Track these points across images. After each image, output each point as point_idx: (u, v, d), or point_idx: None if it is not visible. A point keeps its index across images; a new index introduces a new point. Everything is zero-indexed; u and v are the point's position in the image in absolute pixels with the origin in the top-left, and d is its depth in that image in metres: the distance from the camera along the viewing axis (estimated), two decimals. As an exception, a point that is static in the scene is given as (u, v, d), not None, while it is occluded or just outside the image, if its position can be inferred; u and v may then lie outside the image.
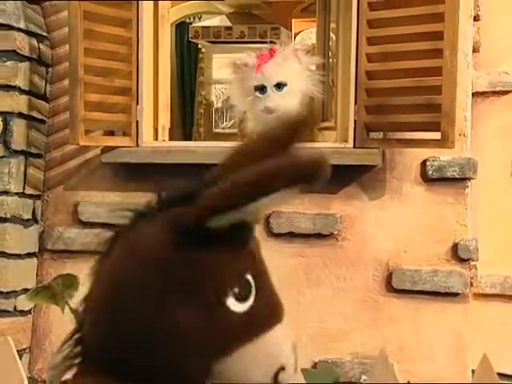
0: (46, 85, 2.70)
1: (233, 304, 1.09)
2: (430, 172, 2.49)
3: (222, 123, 7.27)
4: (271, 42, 2.86)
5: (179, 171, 2.50)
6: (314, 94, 2.61)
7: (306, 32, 6.35)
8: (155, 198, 1.15)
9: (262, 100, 2.52)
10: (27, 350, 2.70)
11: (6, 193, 2.53)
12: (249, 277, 1.13)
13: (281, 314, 1.15)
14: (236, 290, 1.10)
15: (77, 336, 1.21)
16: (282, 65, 2.55)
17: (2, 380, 2.00)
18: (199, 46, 7.11)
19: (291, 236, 2.54)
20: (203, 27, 6.51)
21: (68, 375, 1.22)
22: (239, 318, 1.10)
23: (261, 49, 2.66)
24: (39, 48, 2.66)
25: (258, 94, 2.54)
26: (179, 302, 1.11)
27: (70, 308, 1.63)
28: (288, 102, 2.51)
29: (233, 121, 6.71)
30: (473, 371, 2.14)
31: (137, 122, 2.57)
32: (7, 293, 2.55)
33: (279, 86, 2.52)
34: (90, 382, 1.17)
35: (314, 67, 2.65)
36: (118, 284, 1.13)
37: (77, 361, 1.20)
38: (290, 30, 6.44)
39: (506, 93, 2.64)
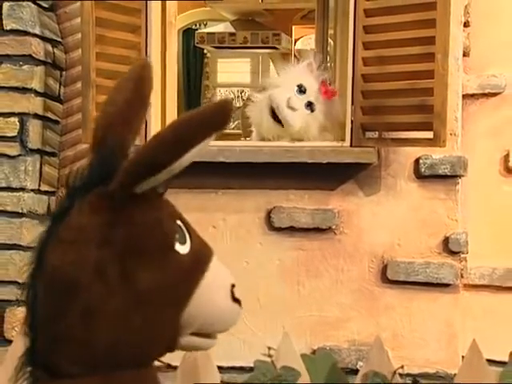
0: (60, 87, 2.70)
1: (179, 248, 1.15)
2: (423, 169, 2.49)
3: (226, 124, 7.28)
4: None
5: (185, 168, 2.51)
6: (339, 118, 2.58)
7: (306, 38, 6.36)
8: (72, 183, 1.15)
9: (294, 98, 2.49)
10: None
11: (22, 189, 2.53)
12: (179, 222, 1.18)
13: (211, 248, 1.22)
14: (177, 235, 1.15)
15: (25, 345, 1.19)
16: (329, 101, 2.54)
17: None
18: (205, 51, 7.13)
19: (292, 230, 2.54)
20: (208, 33, 6.51)
21: None
22: (188, 258, 1.16)
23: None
24: (54, 53, 2.66)
25: (295, 91, 2.51)
26: (138, 265, 1.12)
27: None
28: (305, 116, 2.50)
29: (237, 122, 6.71)
30: (463, 357, 2.14)
31: (146, 122, 2.57)
32: (24, 283, 2.55)
33: (310, 105, 2.51)
34: None
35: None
36: (72, 275, 1.11)
37: (27, 369, 1.19)
38: (291, 36, 6.45)
39: (494, 95, 2.64)
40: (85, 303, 1.11)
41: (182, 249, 1.16)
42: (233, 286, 1.22)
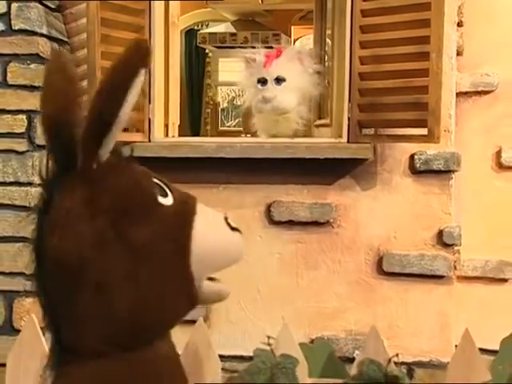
0: (66, 86, 2.70)
1: (162, 200, 1.18)
2: (418, 165, 2.49)
3: (227, 122, 7.28)
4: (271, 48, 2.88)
5: (187, 164, 2.52)
6: (311, 93, 2.62)
7: (305, 38, 6.35)
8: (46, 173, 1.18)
9: (262, 91, 2.54)
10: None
11: (30, 184, 2.53)
12: (156, 180, 1.21)
13: (194, 196, 1.26)
14: (156, 190, 1.18)
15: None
16: (285, 63, 2.56)
17: (28, 354, 2.02)
18: (206, 50, 7.12)
19: (291, 224, 2.55)
20: (210, 33, 6.52)
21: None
22: (173, 208, 1.19)
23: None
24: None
25: (259, 86, 2.56)
26: (129, 225, 1.13)
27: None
28: (284, 96, 2.53)
29: (237, 119, 6.71)
30: (456, 346, 2.14)
31: (149, 120, 2.57)
32: (31, 275, 2.55)
33: (279, 80, 2.54)
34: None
35: (312, 71, 2.64)
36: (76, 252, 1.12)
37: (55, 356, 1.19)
38: (290, 36, 6.44)
39: (487, 93, 2.64)
40: (93, 276, 1.11)
41: (166, 201, 1.18)
42: (226, 218, 1.25)
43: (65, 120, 1.13)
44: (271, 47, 6.18)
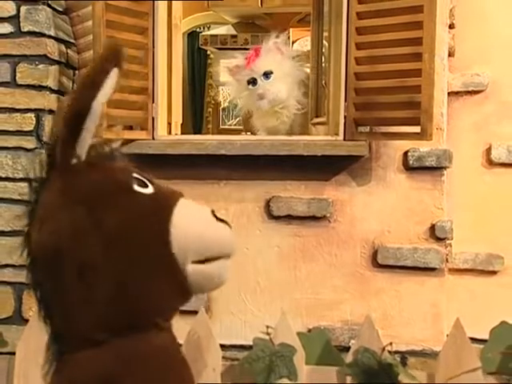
0: (73, 85, 2.70)
1: (140, 189, 1.18)
2: (411, 162, 2.50)
3: (228, 121, 7.27)
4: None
5: (189, 161, 2.52)
6: (298, 77, 2.63)
7: (302, 40, 6.34)
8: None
9: (255, 90, 2.55)
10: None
11: (38, 180, 2.54)
12: (135, 175, 1.21)
13: (180, 192, 1.26)
14: (133, 180, 1.19)
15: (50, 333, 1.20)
16: (266, 57, 2.57)
17: (36, 343, 2.03)
18: (208, 52, 7.11)
19: (289, 218, 2.55)
20: (211, 35, 6.51)
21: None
22: (152, 196, 1.19)
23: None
24: (67, 53, 2.66)
25: (250, 87, 2.56)
26: (104, 212, 1.14)
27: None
28: (276, 87, 2.54)
29: (238, 118, 6.71)
30: (447, 335, 2.15)
31: (153, 118, 2.57)
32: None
33: (266, 74, 2.55)
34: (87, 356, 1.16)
35: (292, 56, 2.66)
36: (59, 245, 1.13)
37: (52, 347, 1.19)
38: (288, 38, 6.42)
39: (477, 92, 2.64)
40: (75, 263, 1.11)
41: (144, 190, 1.18)
42: (212, 211, 1.24)
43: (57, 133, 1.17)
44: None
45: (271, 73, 2.55)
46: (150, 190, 1.19)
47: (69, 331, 1.15)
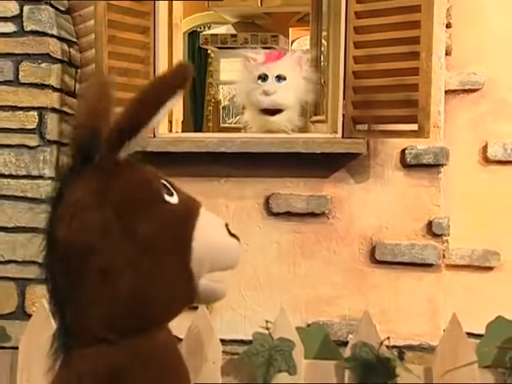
0: (75, 84, 2.71)
1: (169, 199, 1.20)
2: (409, 159, 2.50)
3: (228, 119, 7.28)
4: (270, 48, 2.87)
5: (190, 158, 2.52)
6: (304, 97, 2.60)
7: (302, 39, 6.34)
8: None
9: (262, 86, 2.52)
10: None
11: (41, 177, 2.54)
12: (163, 181, 1.23)
13: (198, 200, 1.28)
14: (164, 189, 1.21)
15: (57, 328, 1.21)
16: (286, 63, 2.55)
17: (39, 338, 2.03)
18: (208, 51, 7.11)
19: (288, 215, 2.55)
20: (212, 35, 6.51)
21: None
22: (178, 207, 1.21)
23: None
24: (69, 52, 2.67)
25: (260, 82, 2.53)
26: (135, 219, 1.14)
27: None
28: (284, 92, 2.51)
29: (238, 117, 6.70)
30: (444, 330, 2.15)
31: (154, 116, 2.57)
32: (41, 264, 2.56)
33: (279, 78, 2.52)
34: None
35: (307, 76, 2.63)
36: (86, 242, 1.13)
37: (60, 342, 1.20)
38: (288, 37, 6.43)
39: (474, 91, 2.64)
40: (99, 262, 1.12)
41: (172, 199, 1.20)
42: (226, 224, 1.27)
43: (93, 125, 1.16)
44: (270, 48, 6.19)
45: (284, 78, 2.52)
46: (175, 199, 1.21)
47: (80, 327, 1.16)
